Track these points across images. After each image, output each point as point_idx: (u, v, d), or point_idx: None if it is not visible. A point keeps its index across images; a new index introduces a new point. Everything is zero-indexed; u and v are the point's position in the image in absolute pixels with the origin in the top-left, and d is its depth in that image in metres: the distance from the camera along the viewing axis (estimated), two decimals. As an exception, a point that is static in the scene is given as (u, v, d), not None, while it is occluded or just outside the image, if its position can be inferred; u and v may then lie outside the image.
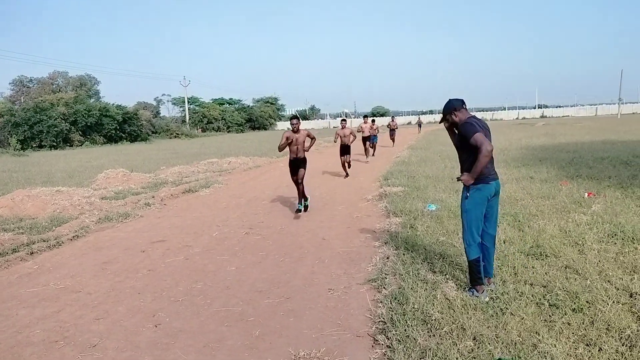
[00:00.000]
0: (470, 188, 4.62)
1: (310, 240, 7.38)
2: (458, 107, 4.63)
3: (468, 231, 4.65)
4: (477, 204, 4.61)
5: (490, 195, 4.63)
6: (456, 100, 4.67)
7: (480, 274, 4.63)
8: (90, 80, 75.74)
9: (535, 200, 8.81)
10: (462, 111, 4.64)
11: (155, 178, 15.53)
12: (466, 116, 4.63)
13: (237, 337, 4.24)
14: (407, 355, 3.59)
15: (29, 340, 4.32)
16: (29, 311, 5.02)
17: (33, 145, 40.98)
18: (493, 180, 4.63)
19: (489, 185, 4.59)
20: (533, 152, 18.31)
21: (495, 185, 4.65)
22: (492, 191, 4.62)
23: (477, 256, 4.62)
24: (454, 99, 4.68)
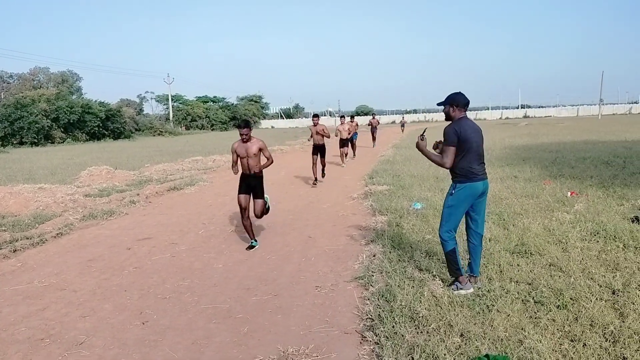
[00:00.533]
0: (456, 185, 4.71)
1: (297, 239, 7.39)
2: (460, 105, 4.69)
3: (445, 226, 4.75)
4: (461, 202, 4.70)
5: (477, 194, 4.70)
6: (464, 98, 4.72)
7: (458, 264, 4.73)
8: (72, 76, 74.83)
9: (519, 199, 8.92)
10: (461, 111, 4.71)
11: (139, 176, 15.41)
12: (458, 117, 4.70)
13: (225, 334, 4.24)
14: (395, 352, 3.62)
15: (14, 338, 4.27)
16: (13, 309, 4.95)
17: (13, 142, 40.33)
18: (481, 180, 4.69)
19: (476, 184, 4.66)
20: (516, 152, 18.52)
21: (482, 184, 4.71)
22: (479, 190, 4.69)
23: (453, 247, 4.73)
24: (463, 96, 4.73)
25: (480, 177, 4.69)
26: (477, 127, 4.74)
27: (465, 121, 4.66)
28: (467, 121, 4.68)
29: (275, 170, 16.95)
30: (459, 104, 4.69)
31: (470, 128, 4.63)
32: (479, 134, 4.72)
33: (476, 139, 4.64)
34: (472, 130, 4.63)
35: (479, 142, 4.69)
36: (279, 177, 14.76)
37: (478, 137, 4.67)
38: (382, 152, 22.49)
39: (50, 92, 51.43)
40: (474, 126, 4.70)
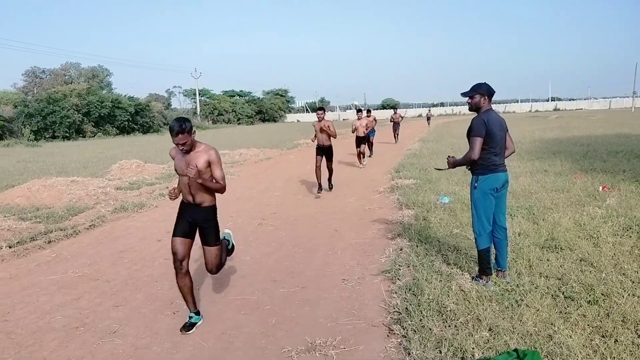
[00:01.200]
0: (478, 178, 4.73)
1: (323, 232, 7.43)
2: (490, 95, 4.69)
3: (478, 221, 4.76)
4: (485, 194, 4.70)
5: (498, 186, 4.71)
6: (489, 88, 4.69)
7: (490, 264, 4.74)
8: (103, 71, 76.06)
9: (549, 193, 8.79)
10: (489, 102, 4.70)
11: (168, 169, 15.63)
12: (486, 108, 4.69)
13: (253, 324, 4.30)
14: (422, 345, 3.63)
15: (50, 326, 4.41)
16: (49, 298, 5.11)
17: (46, 136, 41.30)
18: (502, 171, 4.72)
19: (497, 175, 4.68)
20: (547, 145, 18.21)
21: (503, 176, 4.73)
22: (500, 181, 4.71)
23: (487, 246, 4.74)
24: (490, 87, 4.70)
25: (502, 169, 4.72)
26: (501, 119, 4.75)
27: (492, 113, 4.67)
28: (493, 113, 4.69)
29: (301, 164, 17.03)
30: (490, 94, 4.68)
31: (496, 120, 4.65)
32: (503, 126, 4.73)
33: (500, 131, 4.64)
34: (497, 122, 4.64)
35: (502, 135, 4.69)
36: (305, 171, 14.81)
37: (502, 129, 4.68)
38: (408, 145, 22.36)
39: (81, 87, 52.40)
40: (498, 118, 4.70)
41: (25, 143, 35.83)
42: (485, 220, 4.73)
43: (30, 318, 4.60)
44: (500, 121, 4.70)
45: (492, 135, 4.58)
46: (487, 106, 4.69)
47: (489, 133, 4.56)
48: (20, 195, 10.36)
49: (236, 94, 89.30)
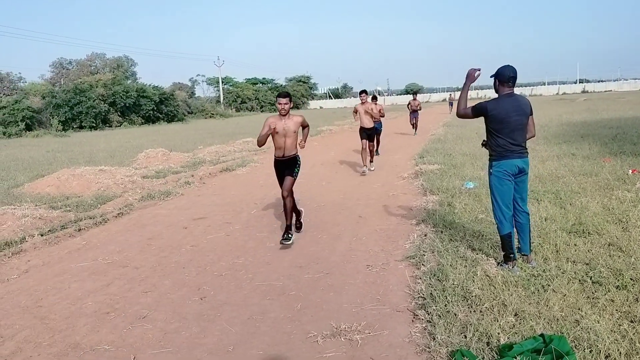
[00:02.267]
0: (492, 164, 4.75)
1: (347, 218, 7.45)
2: (503, 79, 4.64)
3: (497, 207, 4.75)
4: (500, 179, 4.69)
5: (513, 171, 4.67)
6: (508, 71, 4.63)
7: (512, 249, 4.71)
8: (127, 61, 76.86)
9: (577, 177, 8.64)
10: (504, 86, 4.66)
11: (193, 157, 15.82)
12: (503, 92, 4.66)
13: (279, 310, 4.36)
14: (447, 330, 3.63)
15: (82, 312, 4.53)
16: (80, 284, 5.25)
17: (74, 126, 42.01)
18: (518, 158, 4.66)
19: (509, 161, 4.65)
20: (574, 129, 17.85)
21: (519, 162, 4.67)
22: (513, 167, 4.66)
23: (508, 231, 4.70)
24: (509, 69, 4.64)
25: (517, 155, 4.66)
26: (520, 105, 4.64)
27: (506, 99, 4.62)
28: (509, 99, 4.62)
29: (325, 150, 17.04)
30: (502, 78, 4.63)
31: (511, 107, 4.59)
32: (522, 112, 4.64)
33: (515, 117, 4.59)
34: (512, 109, 4.58)
35: (520, 120, 4.62)
36: (329, 158, 14.82)
37: (519, 116, 4.61)
38: (432, 130, 22.16)
39: (107, 77, 53.07)
40: (516, 104, 4.62)
41: (53, 133, 36.59)
42: (503, 206, 4.71)
43: (63, 304, 4.73)
44: (517, 106, 4.62)
45: (499, 120, 4.59)
46: (505, 91, 4.65)
47: (494, 118, 4.60)
48: (51, 185, 10.62)
49: (259, 82, 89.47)
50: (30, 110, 39.07)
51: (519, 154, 4.67)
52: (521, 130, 4.66)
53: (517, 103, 4.63)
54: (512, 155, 4.64)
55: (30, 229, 7.16)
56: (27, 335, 4.10)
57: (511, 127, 4.59)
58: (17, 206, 8.50)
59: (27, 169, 14.37)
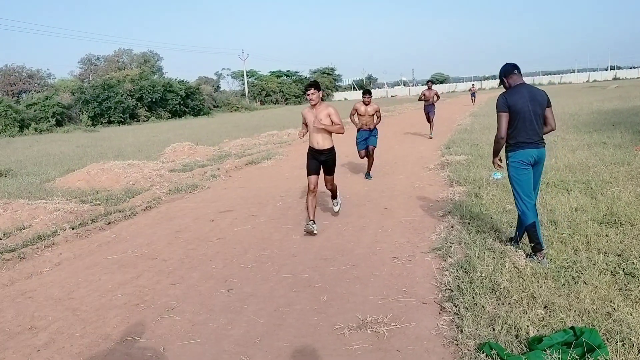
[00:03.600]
0: (509, 155, 4.78)
1: (373, 210, 7.42)
2: (507, 73, 4.78)
3: (518, 197, 4.77)
4: (517, 169, 4.71)
5: (529, 161, 4.68)
6: (508, 66, 4.79)
7: (538, 239, 4.66)
8: (154, 56, 77.76)
9: (608, 166, 8.44)
10: (512, 77, 4.75)
11: (219, 151, 15.95)
12: (516, 82, 4.71)
13: (305, 302, 4.37)
14: (475, 322, 3.59)
15: (112, 304, 4.62)
16: (110, 277, 5.35)
17: (102, 121, 42.73)
18: (534, 147, 4.66)
19: (525, 151, 4.66)
20: (605, 117, 17.40)
21: (535, 152, 4.67)
22: (529, 156, 4.67)
23: (533, 221, 4.67)
24: (506, 65, 4.81)
25: (533, 145, 4.66)
26: (535, 95, 4.66)
27: (518, 89, 4.67)
28: (521, 89, 4.67)
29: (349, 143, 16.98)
30: (507, 72, 4.77)
31: (523, 96, 4.62)
32: (536, 101, 4.64)
33: (529, 107, 4.60)
34: (524, 99, 4.61)
35: (535, 110, 4.62)
36: (353, 150, 14.77)
37: (533, 105, 4.61)
38: (458, 120, 21.87)
39: (134, 72, 53.80)
40: (528, 94, 4.64)
41: (83, 129, 37.29)
42: (524, 195, 4.71)
43: (94, 296, 4.83)
44: (530, 96, 4.64)
45: (516, 111, 4.60)
46: (517, 81, 4.72)
47: (513, 110, 4.61)
48: (81, 179, 10.84)
49: (283, 74, 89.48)
50: (60, 107, 39.89)
51: (535, 143, 4.66)
52: (536, 120, 4.65)
53: (531, 92, 4.67)
54: (526, 146, 4.65)
55: (62, 223, 7.33)
56: (60, 326, 4.20)
57: (526, 116, 4.60)
58: (49, 200, 8.70)
59: (58, 164, 14.69)
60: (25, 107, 38.56)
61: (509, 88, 4.74)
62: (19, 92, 55.94)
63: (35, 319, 4.38)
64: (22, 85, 57.87)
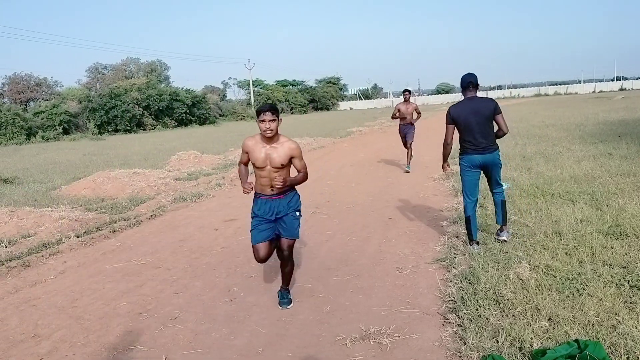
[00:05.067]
0: (459, 158, 5.51)
1: (377, 220, 7.41)
2: (462, 85, 5.37)
3: (463, 193, 5.61)
4: (463, 171, 5.49)
5: (473, 164, 5.38)
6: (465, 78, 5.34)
7: (470, 231, 5.48)
8: (161, 65, 78.31)
9: (614, 177, 8.40)
10: (467, 91, 5.34)
11: (224, 159, 15.99)
12: (467, 95, 5.34)
13: (308, 312, 4.37)
14: (479, 334, 3.57)
15: (116, 312, 4.63)
16: (114, 285, 5.36)
17: (109, 130, 42.91)
18: (478, 154, 5.32)
19: (469, 156, 5.37)
20: (611, 127, 17.35)
21: (480, 158, 5.34)
22: (473, 161, 5.37)
23: (468, 215, 5.48)
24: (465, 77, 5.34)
25: (477, 151, 5.31)
26: (479, 108, 5.26)
27: (465, 103, 5.33)
28: (467, 102, 5.31)
29: (354, 152, 17.00)
30: (462, 84, 5.36)
31: (466, 109, 5.28)
32: (479, 113, 5.23)
33: (472, 118, 5.23)
34: (467, 111, 5.26)
35: (478, 120, 5.23)
36: (358, 159, 14.79)
37: (475, 117, 5.23)
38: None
39: (141, 81, 54.14)
40: (473, 107, 5.26)
41: (90, 137, 37.51)
42: (466, 193, 5.51)
43: (97, 304, 4.84)
44: (476, 109, 5.24)
45: (459, 122, 5.29)
46: (467, 94, 5.35)
47: (456, 121, 5.32)
48: (86, 187, 10.89)
49: (289, 84, 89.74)
50: (67, 115, 40.16)
51: (480, 149, 5.30)
52: (480, 129, 5.25)
53: (476, 105, 5.27)
54: (471, 151, 5.34)
55: (67, 231, 7.36)
56: (63, 334, 4.21)
57: (470, 127, 5.26)
58: (55, 208, 8.74)
59: (64, 172, 14.78)
60: (32, 115, 38.87)
61: (463, 98, 5.39)
62: (26, 100, 56.36)
63: (38, 327, 4.39)
64: (29, 94, 58.31)
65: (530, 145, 13.80)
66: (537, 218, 6.36)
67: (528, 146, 13.55)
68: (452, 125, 5.37)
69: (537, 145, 13.55)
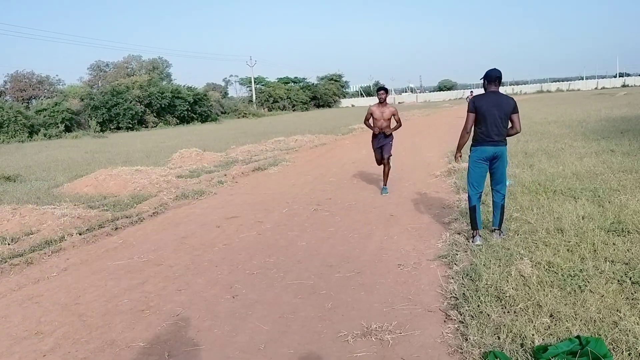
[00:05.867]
0: (471, 148, 5.66)
1: (378, 217, 7.41)
2: (489, 79, 5.55)
3: (468, 184, 5.75)
4: (473, 162, 5.65)
5: (486, 157, 5.56)
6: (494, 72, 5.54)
7: (474, 221, 5.63)
8: (163, 63, 78.25)
9: (616, 174, 8.39)
10: (490, 85, 5.54)
11: (226, 157, 16.00)
12: (489, 89, 5.54)
13: (310, 309, 4.37)
14: (480, 331, 3.58)
15: (118, 309, 4.64)
16: (116, 282, 5.38)
17: (111, 127, 42.93)
18: (491, 145, 5.49)
19: (483, 148, 5.53)
20: (614, 124, 17.31)
21: (492, 150, 5.50)
22: (487, 153, 5.53)
23: (473, 205, 5.65)
24: (492, 72, 5.55)
25: (489, 143, 5.49)
26: (501, 103, 5.45)
27: (489, 95, 5.51)
28: (492, 95, 5.50)
29: (356, 149, 17.00)
30: (489, 78, 5.53)
31: (491, 102, 5.44)
32: (500, 108, 5.43)
33: (494, 111, 5.41)
34: (491, 104, 5.43)
35: (499, 114, 5.42)
36: (360, 156, 14.78)
37: (497, 110, 5.42)
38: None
39: (143, 78, 54.10)
40: (496, 101, 5.45)
41: (92, 134, 37.50)
42: (471, 183, 5.69)
43: (100, 301, 4.86)
44: (498, 103, 5.44)
45: (481, 113, 5.45)
46: (491, 88, 5.53)
47: (478, 111, 5.47)
48: (89, 185, 10.91)
49: (291, 81, 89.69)
50: (69, 112, 40.17)
51: (494, 142, 5.47)
52: (498, 123, 5.44)
53: (498, 100, 5.47)
54: (485, 143, 5.50)
55: (69, 228, 7.37)
56: (66, 331, 4.23)
57: (489, 119, 5.43)
58: (57, 206, 8.76)
59: (67, 170, 14.80)
60: (34, 113, 38.85)
61: (485, 92, 5.58)
62: (28, 98, 56.40)
63: (41, 324, 4.40)
64: (31, 91, 58.35)
65: (533, 142, 13.78)
66: (539, 215, 6.35)
67: (530, 143, 13.53)
68: (473, 113, 5.54)
69: (539, 142, 13.54)
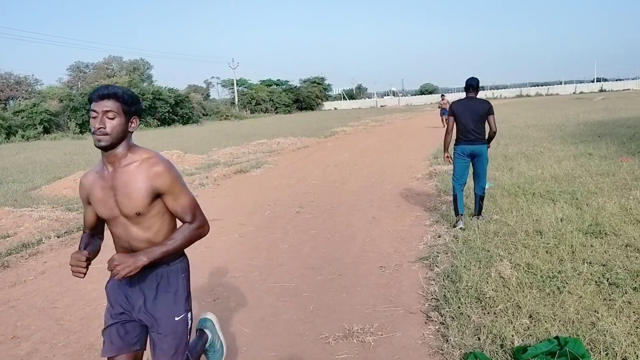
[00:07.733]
0: (454, 147, 6.42)
1: (360, 219, 7.43)
2: (467, 87, 6.29)
3: (453, 175, 6.52)
4: (456, 157, 6.43)
5: (466, 153, 6.30)
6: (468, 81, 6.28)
7: (456, 207, 6.35)
8: (144, 64, 77.59)
9: (594, 177, 8.53)
10: (469, 91, 6.28)
11: (208, 159, 15.90)
12: (467, 95, 6.28)
13: (292, 311, 4.36)
14: (461, 332, 3.60)
15: (97, 313, 4.56)
16: (95, 286, 5.28)
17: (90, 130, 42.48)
18: (466, 144, 6.24)
19: (461, 146, 6.31)
20: (591, 128, 17.62)
21: (470, 147, 6.24)
22: (466, 150, 6.28)
23: (455, 194, 6.35)
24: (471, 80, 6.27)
25: (468, 142, 6.22)
26: (474, 107, 6.15)
27: (466, 100, 6.27)
28: (468, 101, 6.23)
29: (339, 152, 17.04)
30: (466, 86, 6.28)
31: (465, 106, 6.20)
32: (474, 111, 6.13)
33: (468, 114, 6.14)
34: (465, 108, 6.18)
35: (472, 117, 6.12)
36: (343, 159, 14.82)
37: (470, 113, 6.13)
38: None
39: (123, 80, 53.56)
40: (471, 105, 6.17)
41: (71, 136, 37.02)
42: (456, 175, 6.44)
43: (78, 305, 4.78)
44: (472, 107, 6.15)
45: (457, 115, 6.23)
46: (468, 94, 6.28)
47: (455, 114, 6.25)
48: (67, 187, 10.74)
49: (273, 83, 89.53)
50: (48, 114, 39.58)
51: (469, 141, 6.20)
52: (473, 125, 6.13)
53: (473, 104, 6.18)
54: (463, 142, 6.26)
55: (47, 231, 7.26)
56: (43, 336, 4.15)
57: (464, 121, 6.16)
58: (35, 208, 8.62)
59: (45, 172, 14.56)
60: (12, 114, 38.18)
61: (465, 96, 6.32)
62: (6, 99, 55.35)
63: (18, 329, 4.32)
64: (9, 92, 57.28)
65: (512, 145, 13.95)
66: (518, 217, 6.43)
67: (510, 146, 13.70)
68: (452, 116, 6.32)
69: (519, 146, 13.71)
